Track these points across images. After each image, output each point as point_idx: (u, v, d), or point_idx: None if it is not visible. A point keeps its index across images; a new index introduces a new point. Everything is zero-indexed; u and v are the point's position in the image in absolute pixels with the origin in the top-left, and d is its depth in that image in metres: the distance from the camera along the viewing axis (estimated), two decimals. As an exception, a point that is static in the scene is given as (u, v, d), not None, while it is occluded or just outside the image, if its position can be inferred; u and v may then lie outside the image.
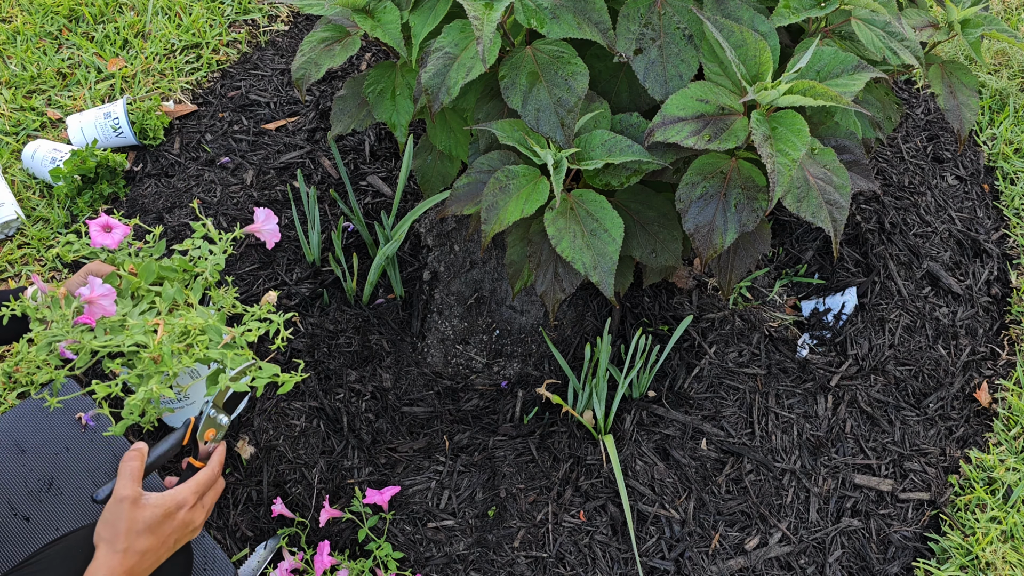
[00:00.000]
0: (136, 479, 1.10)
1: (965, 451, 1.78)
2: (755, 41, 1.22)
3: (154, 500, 1.10)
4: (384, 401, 1.81)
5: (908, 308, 1.93)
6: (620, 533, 1.63)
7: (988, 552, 1.63)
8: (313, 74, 1.38)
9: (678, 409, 1.76)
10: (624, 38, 1.26)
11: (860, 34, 1.29)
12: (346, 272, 1.91)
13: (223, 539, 1.64)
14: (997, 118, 2.35)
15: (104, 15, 2.48)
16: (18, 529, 1.58)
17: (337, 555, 1.59)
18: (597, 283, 1.26)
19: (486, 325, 1.89)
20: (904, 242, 2.04)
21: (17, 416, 1.71)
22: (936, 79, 1.49)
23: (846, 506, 1.68)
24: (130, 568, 1.05)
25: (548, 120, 1.24)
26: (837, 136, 1.38)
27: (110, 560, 1.04)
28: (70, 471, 1.66)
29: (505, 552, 1.62)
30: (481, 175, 1.36)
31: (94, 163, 2.07)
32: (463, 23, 1.26)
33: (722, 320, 1.86)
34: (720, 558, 1.61)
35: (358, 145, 2.20)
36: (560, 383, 1.83)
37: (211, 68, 2.40)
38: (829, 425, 1.76)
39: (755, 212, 1.24)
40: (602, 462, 1.69)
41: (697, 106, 1.21)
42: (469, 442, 1.77)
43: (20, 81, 2.31)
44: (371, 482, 1.70)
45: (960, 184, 2.21)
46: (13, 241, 2.04)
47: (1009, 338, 1.95)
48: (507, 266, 1.52)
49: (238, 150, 2.20)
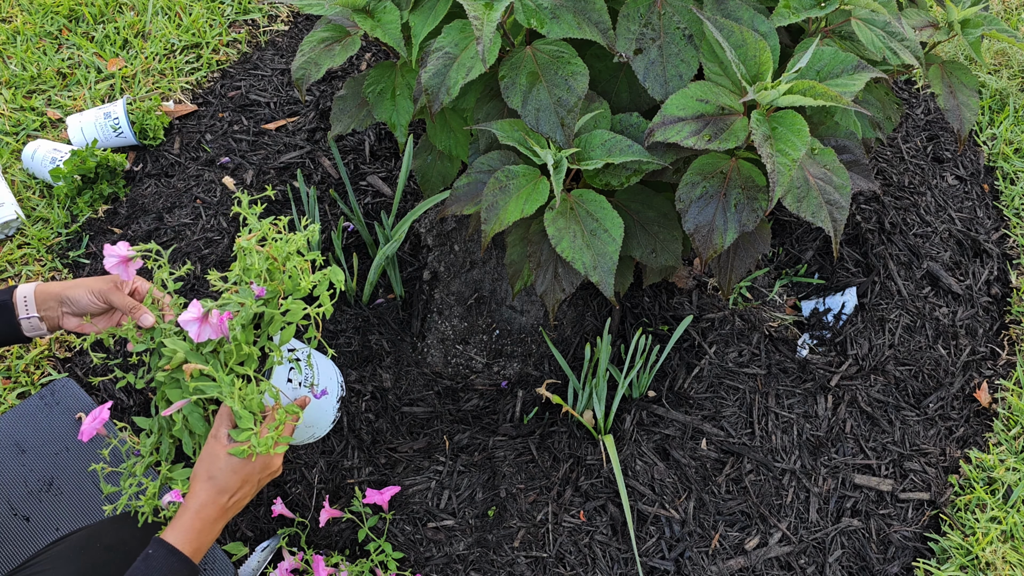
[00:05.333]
0: (229, 423, 1.20)
1: (965, 451, 1.78)
2: (755, 41, 1.22)
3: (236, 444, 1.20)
4: (384, 401, 1.81)
5: (908, 308, 1.93)
6: (620, 533, 1.63)
7: (988, 552, 1.63)
8: (313, 74, 1.38)
9: (678, 409, 1.76)
10: (624, 38, 1.26)
11: (860, 34, 1.29)
12: (346, 272, 1.91)
13: (223, 539, 1.64)
14: (997, 118, 2.35)
15: (104, 15, 2.48)
16: (18, 529, 1.58)
17: (336, 555, 1.59)
18: (597, 283, 1.26)
19: (486, 325, 1.89)
20: (904, 242, 2.04)
21: (17, 416, 1.71)
22: (936, 79, 1.49)
23: (846, 506, 1.68)
24: (217, 499, 1.18)
25: (548, 120, 1.24)
26: (837, 136, 1.38)
27: (206, 490, 1.18)
28: (70, 471, 1.65)
29: (505, 552, 1.62)
30: (481, 175, 1.36)
31: (94, 163, 2.07)
32: (463, 23, 1.26)
33: (722, 320, 1.86)
34: (720, 558, 1.61)
35: (358, 145, 2.20)
36: (560, 383, 1.83)
37: (211, 68, 2.40)
38: (829, 425, 1.76)
39: (755, 212, 1.24)
40: (602, 462, 1.69)
41: (697, 106, 1.21)
42: (469, 442, 1.77)
43: (20, 81, 2.32)
44: (371, 482, 1.70)
45: (960, 184, 2.21)
46: (13, 241, 2.04)
47: (1009, 338, 1.95)
48: (507, 266, 1.52)
49: (238, 150, 2.20)
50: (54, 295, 1.30)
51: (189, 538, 1.16)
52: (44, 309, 1.30)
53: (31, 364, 1.85)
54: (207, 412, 1.27)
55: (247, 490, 1.21)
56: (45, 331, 1.32)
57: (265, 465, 1.22)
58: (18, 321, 1.28)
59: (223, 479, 1.18)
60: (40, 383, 1.83)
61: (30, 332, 1.30)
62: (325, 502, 1.58)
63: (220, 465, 1.18)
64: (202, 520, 1.17)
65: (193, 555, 1.16)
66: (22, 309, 1.28)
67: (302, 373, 1.37)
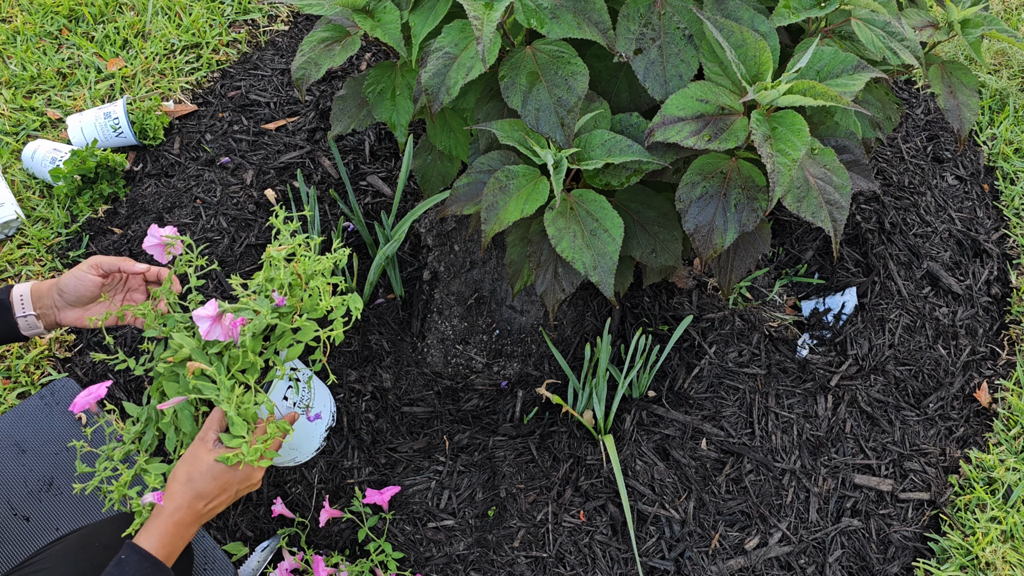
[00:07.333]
0: (219, 427, 1.20)
1: (965, 451, 1.78)
2: (755, 41, 1.22)
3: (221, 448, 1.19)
4: (384, 401, 1.81)
5: (908, 308, 1.93)
6: (620, 533, 1.63)
7: (988, 552, 1.63)
8: (313, 74, 1.38)
9: (678, 409, 1.76)
10: (624, 38, 1.26)
11: (860, 34, 1.29)
12: (346, 272, 1.91)
13: (223, 539, 1.64)
14: (997, 118, 2.35)
15: (104, 15, 2.48)
16: (18, 529, 1.58)
17: (336, 555, 1.59)
18: (597, 283, 1.26)
19: (486, 325, 1.89)
20: (904, 242, 2.04)
21: (17, 416, 1.71)
22: (936, 79, 1.49)
23: (846, 506, 1.68)
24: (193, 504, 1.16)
25: (548, 120, 1.24)
26: (837, 136, 1.38)
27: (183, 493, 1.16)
28: (70, 471, 1.65)
29: (505, 552, 1.62)
30: (481, 175, 1.36)
31: (94, 163, 2.07)
32: (463, 23, 1.26)
33: (722, 320, 1.86)
34: (720, 558, 1.61)
35: (358, 145, 2.20)
36: (560, 383, 1.83)
37: (211, 68, 2.40)
38: (829, 425, 1.76)
39: (755, 212, 1.24)
40: (602, 462, 1.69)
41: (697, 106, 1.21)
42: (469, 442, 1.77)
43: (20, 81, 2.32)
44: (371, 482, 1.70)
45: (960, 184, 2.21)
46: (13, 241, 2.04)
47: (1009, 338, 1.95)
48: (507, 266, 1.52)
49: (238, 150, 2.20)
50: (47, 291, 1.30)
51: (164, 542, 1.14)
52: (40, 307, 1.30)
53: (31, 364, 1.85)
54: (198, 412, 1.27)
55: (224, 499, 1.20)
56: (43, 329, 1.32)
57: (247, 476, 1.20)
58: (15, 320, 1.29)
59: (202, 484, 1.16)
60: (40, 383, 1.83)
61: (28, 331, 1.31)
62: (325, 502, 1.58)
63: (202, 469, 1.16)
64: (176, 524, 1.15)
65: (166, 559, 1.15)
66: (19, 308, 1.29)
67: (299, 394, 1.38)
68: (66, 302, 1.31)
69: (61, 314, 1.31)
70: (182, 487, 1.16)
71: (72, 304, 1.31)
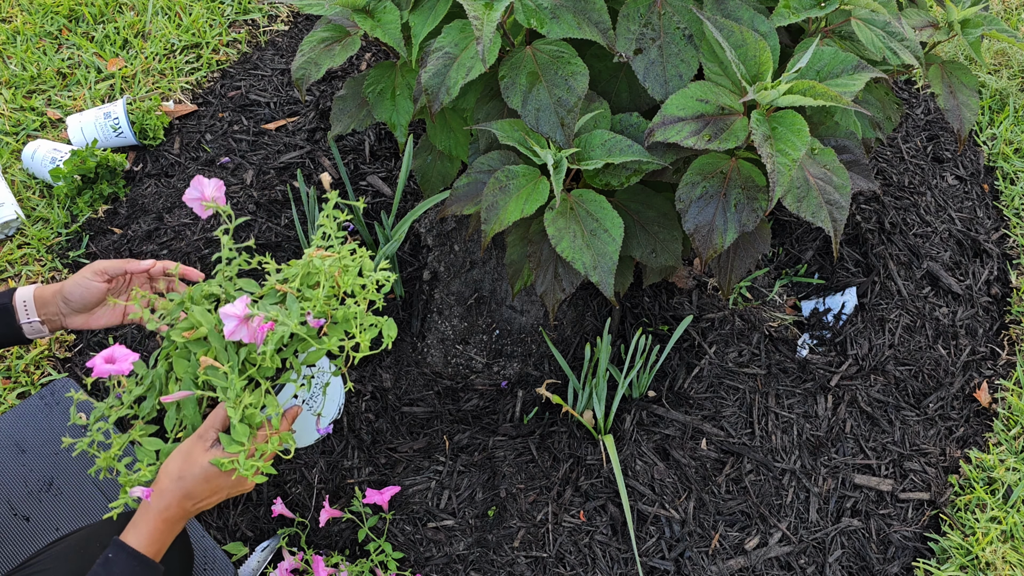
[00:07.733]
0: (221, 425, 1.17)
1: (965, 451, 1.78)
2: (755, 41, 1.22)
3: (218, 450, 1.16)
4: (384, 401, 1.81)
5: (908, 308, 1.93)
6: (620, 533, 1.63)
7: (988, 552, 1.63)
8: (313, 74, 1.38)
9: (678, 409, 1.76)
10: (624, 38, 1.26)
11: (860, 34, 1.29)
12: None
13: (223, 539, 1.64)
14: (997, 118, 2.35)
15: (104, 15, 2.48)
16: (18, 529, 1.58)
17: (336, 555, 1.59)
18: (597, 283, 1.26)
19: (486, 325, 1.89)
20: (904, 242, 2.04)
21: (17, 416, 1.71)
22: (936, 79, 1.49)
23: (846, 506, 1.68)
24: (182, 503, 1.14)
25: (548, 120, 1.24)
26: (837, 136, 1.38)
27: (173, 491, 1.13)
28: (70, 471, 1.65)
29: (505, 552, 1.62)
30: (481, 175, 1.36)
31: (94, 163, 2.07)
32: (463, 23, 1.26)
33: (722, 320, 1.86)
34: (720, 558, 1.61)
35: (358, 145, 2.20)
36: (560, 383, 1.83)
37: (211, 68, 2.40)
38: (829, 425, 1.76)
39: (755, 212, 1.24)
40: (602, 462, 1.69)
41: (697, 106, 1.21)
42: (469, 442, 1.77)
43: (20, 81, 2.32)
44: (371, 482, 1.70)
45: (960, 184, 2.21)
46: (13, 241, 2.04)
47: (1009, 338, 1.95)
48: (507, 266, 1.52)
49: (238, 150, 2.20)
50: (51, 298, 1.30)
51: (152, 539, 1.13)
52: (44, 313, 1.30)
53: (31, 364, 1.85)
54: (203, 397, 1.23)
55: (213, 500, 1.18)
56: (47, 332, 1.32)
57: (239, 483, 1.18)
58: (19, 325, 1.28)
59: (192, 483, 1.14)
60: (40, 383, 1.83)
61: (32, 335, 1.31)
62: (325, 502, 1.58)
63: (195, 470, 1.13)
64: (164, 522, 1.14)
65: (155, 555, 1.14)
66: (22, 313, 1.28)
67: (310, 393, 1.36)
68: (72, 309, 1.30)
69: (67, 320, 1.31)
70: (172, 483, 1.14)
71: (78, 311, 1.31)
